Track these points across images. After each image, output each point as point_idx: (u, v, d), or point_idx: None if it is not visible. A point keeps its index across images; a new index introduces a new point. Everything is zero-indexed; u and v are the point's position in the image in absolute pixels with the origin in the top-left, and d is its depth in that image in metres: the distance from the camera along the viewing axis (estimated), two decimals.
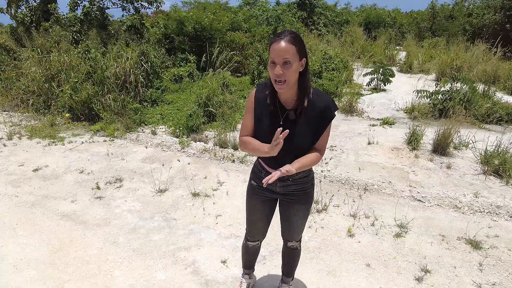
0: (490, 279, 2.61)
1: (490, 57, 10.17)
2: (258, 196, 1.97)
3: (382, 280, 2.59)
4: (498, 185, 4.04)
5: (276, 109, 1.69)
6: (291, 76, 1.54)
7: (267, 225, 2.11)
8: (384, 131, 5.76)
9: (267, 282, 2.55)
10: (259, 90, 1.76)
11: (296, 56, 1.53)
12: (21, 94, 6.79)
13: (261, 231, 2.14)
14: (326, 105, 1.66)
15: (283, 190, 1.90)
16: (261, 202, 1.98)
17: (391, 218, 3.36)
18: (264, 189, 1.92)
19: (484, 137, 4.97)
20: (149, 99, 6.76)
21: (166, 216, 3.42)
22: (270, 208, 2.03)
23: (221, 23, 9.15)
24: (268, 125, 1.70)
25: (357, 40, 14.11)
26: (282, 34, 1.54)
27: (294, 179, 1.86)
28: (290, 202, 1.94)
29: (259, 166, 1.92)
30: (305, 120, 1.67)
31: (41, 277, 2.61)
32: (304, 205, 1.96)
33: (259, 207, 2.01)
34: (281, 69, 1.51)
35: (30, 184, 4.01)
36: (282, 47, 1.49)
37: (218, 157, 4.73)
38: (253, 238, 2.17)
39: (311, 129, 1.68)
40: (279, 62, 1.51)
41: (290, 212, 1.98)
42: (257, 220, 2.08)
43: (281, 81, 1.54)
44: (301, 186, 1.89)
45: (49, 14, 9.45)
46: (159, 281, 2.57)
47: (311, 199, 1.97)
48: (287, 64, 1.51)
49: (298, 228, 2.07)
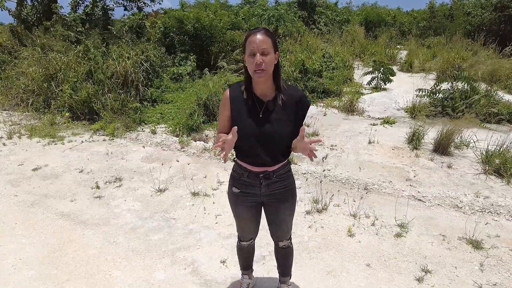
0: (491, 280, 2.60)
1: (491, 56, 10.14)
2: (243, 203, 1.97)
3: (382, 281, 2.58)
4: (499, 184, 4.03)
5: (254, 102, 1.76)
6: (269, 65, 1.65)
7: (257, 225, 2.12)
8: (385, 130, 5.75)
9: (267, 283, 2.54)
10: (233, 89, 1.82)
11: (272, 48, 1.64)
12: (21, 93, 6.78)
13: (252, 231, 2.15)
14: (301, 94, 1.79)
15: (267, 191, 1.90)
16: (246, 208, 1.98)
17: (391, 218, 3.34)
18: (248, 195, 1.93)
19: (485, 137, 4.95)
20: (149, 98, 6.75)
21: (165, 215, 3.41)
22: (256, 210, 2.03)
23: (221, 22, 9.14)
24: (248, 117, 1.76)
25: (358, 39, 14.07)
26: (256, 29, 1.66)
27: (278, 175, 1.87)
28: (275, 202, 1.95)
29: (239, 170, 1.91)
30: (284, 109, 1.74)
31: (40, 276, 2.60)
32: (289, 201, 1.98)
33: (246, 212, 2.01)
34: (260, 58, 1.61)
35: (30, 184, 4.01)
36: (260, 38, 1.61)
37: (218, 156, 4.72)
38: (245, 238, 2.18)
39: (291, 117, 1.75)
40: (258, 52, 1.61)
41: (277, 212, 1.99)
42: (246, 223, 2.09)
43: (261, 70, 1.63)
44: (283, 183, 1.92)
45: (51, 13, 9.43)
46: (158, 281, 2.56)
47: (294, 195, 2.01)
48: (266, 54, 1.62)
49: (287, 226, 2.08)
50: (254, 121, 1.73)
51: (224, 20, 9.39)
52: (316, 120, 5.96)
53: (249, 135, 1.74)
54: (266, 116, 1.74)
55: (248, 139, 1.75)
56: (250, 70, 1.66)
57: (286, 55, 9.12)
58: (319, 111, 6.70)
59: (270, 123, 1.73)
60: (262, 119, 1.74)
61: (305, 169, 4.34)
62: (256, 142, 1.75)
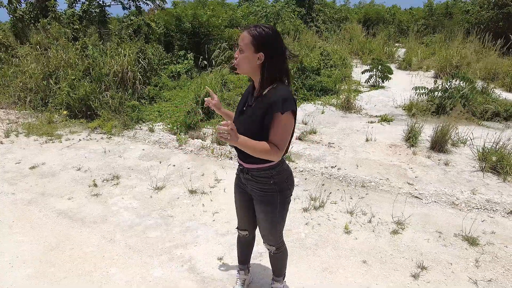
0: (486, 276, 2.62)
1: (489, 54, 10.14)
2: (237, 187, 2.10)
3: (378, 277, 2.59)
4: (495, 181, 4.04)
5: (247, 96, 1.88)
6: (242, 61, 1.73)
7: (247, 215, 2.14)
8: (382, 128, 5.76)
9: (263, 279, 2.55)
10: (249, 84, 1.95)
11: (250, 46, 1.68)
12: (19, 91, 6.76)
13: (245, 221, 2.19)
14: (275, 99, 1.66)
15: (248, 186, 1.95)
16: (238, 192, 2.11)
17: (388, 215, 3.36)
18: (239, 181, 2.04)
19: (482, 134, 4.96)
20: (147, 96, 6.74)
21: (163, 213, 3.41)
22: (246, 199, 2.06)
23: (219, 19, 9.11)
24: (238, 109, 1.92)
25: (356, 37, 14.05)
26: (250, 26, 1.73)
27: (253, 175, 1.87)
28: (255, 200, 1.97)
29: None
30: (257, 108, 1.76)
31: (37, 274, 2.60)
32: (265, 207, 1.91)
33: (237, 196, 2.13)
34: (236, 53, 1.75)
35: (27, 182, 4.00)
36: (241, 35, 1.72)
37: (216, 154, 4.72)
38: (240, 226, 2.23)
39: (257, 117, 1.73)
40: (239, 48, 1.73)
41: (256, 210, 2.01)
42: (238, 208, 2.18)
43: (235, 64, 1.77)
44: (260, 186, 1.87)
45: (48, 10, 9.39)
46: (155, 278, 2.57)
47: (273, 205, 1.89)
48: (241, 51, 1.72)
49: (263, 230, 2.04)
50: (239, 113, 1.88)
51: (223, 17, 9.37)
52: (313, 118, 5.97)
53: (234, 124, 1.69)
54: (246, 111, 1.83)
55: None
56: None
57: None
58: (317, 109, 6.70)
59: (245, 118, 1.82)
60: (243, 113, 1.85)
61: (303, 166, 4.35)
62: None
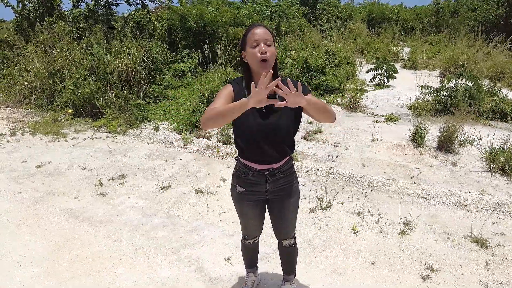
0: (497, 278, 2.59)
1: (496, 53, 10.04)
2: (249, 202, 1.95)
3: (387, 279, 2.57)
4: (504, 182, 4.00)
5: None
6: (272, 56, 1.63)
7: (261, 222, 2.12)
8: (388, 127, 5.72)
9: (272, 280, 2.54)
10: (234, 85, 1.77)
11: (272, 41, 1.65)
12: (24, 90, 6.78)
13: (257, 229, 2.15)
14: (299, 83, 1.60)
15: (273, 187, 1.90)
16: (252, 206, 1.97)
17: (395, 216, 3.33)
18: (253, 194, 1.92)
19: (489, 134, 4.91)
20: (152, 95, 6.73)
21: (169, 213, 3.40)
22: (261, 208, 2.02)
23: (223, 18, 9.09)
24: (251, 113, 1.69)
25: (360, 35, 13.99)
26: (256, 24, 1.69)
27: (282, 171, 1.87)
28: (280, 198, 1.95)
29: (243, 168, 1.88)
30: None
31: (45, 274, 2.60)
32: (293, 197, 1.99)
33: (251, 210, 2.00)
34: (265, 47, 1.61)
35: (33, 181, 4.01)
36: (264, 31, 1.64)
37: (221, 153, 4.71)
38: (250, 236, 2.18)
39: (292, 108, 1.62)
40: (263, 42, 1.62)
41: (282, 208, 1.98)
42: (251, 222, 2.08)
43: (266, 60, 1.60)
44: (288, 179, 1.93)
45: (53, 9, 9.40)
46: (163, 278, 2.56)
47: (298, 191, 2.03)
48: (269, 45, 1.63)
49: (291, 223, 2.08)
50: (258, 116, 1.72)
51: (227, 16, 9.35)
52: None
53: (254, 131, 1.73)
54: (269, 111, 1.73)
55: (253, 136, 1.74)
56: (254, 61, 1.63)
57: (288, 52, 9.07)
58: None
59: (274, 117, 1.73)
60: (266, 114, 1.73)
61: (309, 166, 4.32)
62: (262, 138, 1.74)
